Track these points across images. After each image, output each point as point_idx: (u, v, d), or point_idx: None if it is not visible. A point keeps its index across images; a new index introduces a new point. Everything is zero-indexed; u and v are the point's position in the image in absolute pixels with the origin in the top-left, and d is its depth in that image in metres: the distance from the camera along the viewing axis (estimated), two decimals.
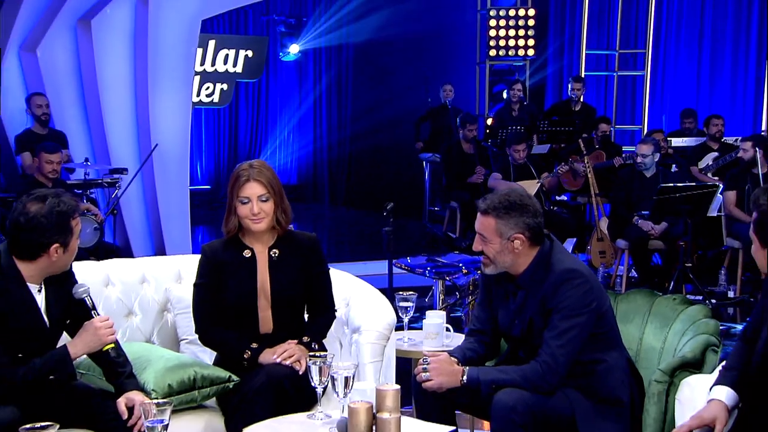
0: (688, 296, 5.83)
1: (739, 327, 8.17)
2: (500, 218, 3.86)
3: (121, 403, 3.68)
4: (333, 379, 3.49)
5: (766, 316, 3.36)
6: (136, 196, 9.87)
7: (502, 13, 12.37)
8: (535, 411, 3.71)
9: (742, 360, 3.44)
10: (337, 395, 3.48)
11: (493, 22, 12.34)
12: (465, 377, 3.76)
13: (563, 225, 10.02)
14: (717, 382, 3.44)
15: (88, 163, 9.10)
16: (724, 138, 10.86)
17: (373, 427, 3.37)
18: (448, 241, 10.91)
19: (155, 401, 3.55)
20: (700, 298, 8.94)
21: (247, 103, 13.38)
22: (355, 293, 4.57)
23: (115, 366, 3.84)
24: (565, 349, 3.77)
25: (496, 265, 3.92)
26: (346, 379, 3.48)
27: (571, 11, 12.74)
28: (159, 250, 9.91)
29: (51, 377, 3.67)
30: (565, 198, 10.64)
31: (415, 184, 11.74)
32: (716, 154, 10.46)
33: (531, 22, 12.42)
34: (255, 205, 4.10)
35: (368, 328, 4.38)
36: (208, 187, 12.73)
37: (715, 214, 9.31)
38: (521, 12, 12.40)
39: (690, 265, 9.24)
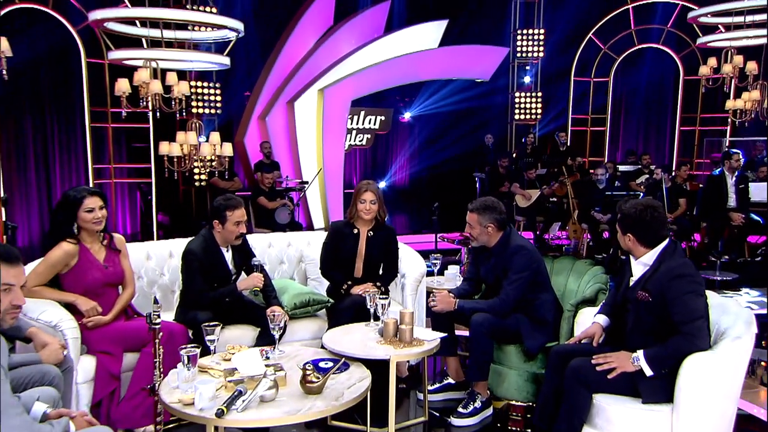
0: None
1: None
2: (480, 214, 3.78)
3: (268, 311, 3.66)
4: (377, 305, 3.48)
5: (625, 273, 3.20)
6: (314, 195, 9.99)
7: (523, 94, 12.03)
8: (495, 326, 3.65)
9: (613, 299, 3.32)
10: (380, 315, 3.47)
11: (517, 99, 12.02)
12: (456, 306, 3.70)
13: (554, 215, 9.75)
14: (598, 312, 3.38)
15: (289, 178, 9.28)
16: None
17: (398, 333, 3.35)
18: None
19: (284, 311, 3.60)
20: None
21: (381, 145, 13.30)
22: (404, 255, 4.47)
23: (268, 291, 3.88)
24: (514, 292, 3.68)
25: (478, 242, 3.85)
26: (383, 305, 3.47)
27: (563, 93, 12.28)
28: (327, 226, 10.04)
29: (227, 299, 3.74)
30: (555, 200, 10.23)
31: (469, 191, 11.47)
32: (648, 175, 9.92)
33: (540, 100, 12.06)
34: (368, 205, 4.09)
35: (409, 274, 4.34)
36: None
37: None
38: (533, 94, 12.03)
39: None
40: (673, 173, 9.32)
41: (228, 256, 3.83)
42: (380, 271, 4.23)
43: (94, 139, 8.90)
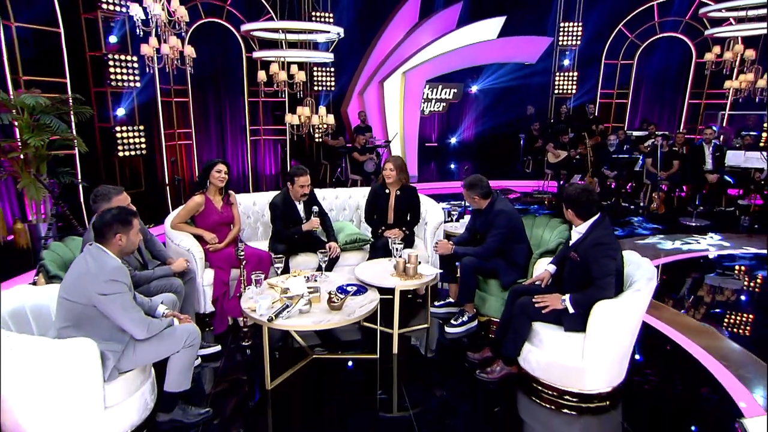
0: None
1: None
2: (468, 189, 3.65)
3: (327, 245, 3.82)
4: (395, 247, 3.52)
5: (568, 237, 3.06)
6: (396, 151, 9.89)
7: (562, 74, 10.97)
8: (479, 267, 3.61)
9: (563, 253, 3.17)
10: (395, 255, 3.52)
11: (558, 78, 11.04)
12: (453, 250, 3.66)
13: (575, 169, 9.14)
14: (550, 262, 3.25)
15: (376, 138, 9.26)
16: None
17: (405, 269, 3.38)
18: (524, 174, 10.30)
19: (338, 246, 3.74)
20: (626, 205, 7.98)
21: (454, 111, 12.63)
22: (428, 206, 4.40)
23: (329, 231, 3.97)
24: (494, 243, 3.59)
25: (472, 206, 3.74)
26: (397, 248, 3.50)
27: (594, 71, 11.11)
28: None
29: (296, 236, 3.85)
30: (579, 157, 9.55)
31: (516, 146, 10.94)
32: (653, 140, 8.96)
33: (576, 77, 11.00)
34: (388, 171, 4.06)
35: (430, 222, 4.29)
36: (436, 144, 12.49)
37: (639, 169, 8.13)
38: (570, 74, 10.98)
39: (624, 190, 8.23)
40: (671, 139, 8.40)
41: (300, 206, 3.95)
42: (408, 218, 4.24)
43: (250, 109, 9.35)
